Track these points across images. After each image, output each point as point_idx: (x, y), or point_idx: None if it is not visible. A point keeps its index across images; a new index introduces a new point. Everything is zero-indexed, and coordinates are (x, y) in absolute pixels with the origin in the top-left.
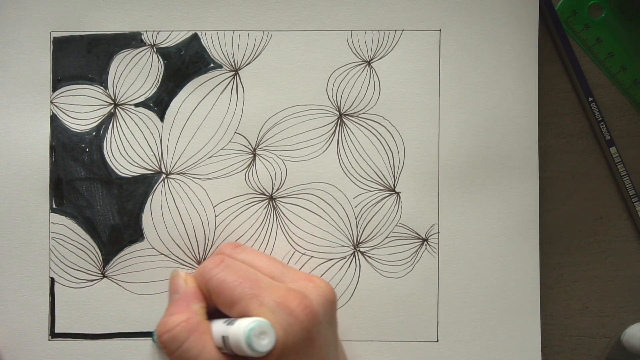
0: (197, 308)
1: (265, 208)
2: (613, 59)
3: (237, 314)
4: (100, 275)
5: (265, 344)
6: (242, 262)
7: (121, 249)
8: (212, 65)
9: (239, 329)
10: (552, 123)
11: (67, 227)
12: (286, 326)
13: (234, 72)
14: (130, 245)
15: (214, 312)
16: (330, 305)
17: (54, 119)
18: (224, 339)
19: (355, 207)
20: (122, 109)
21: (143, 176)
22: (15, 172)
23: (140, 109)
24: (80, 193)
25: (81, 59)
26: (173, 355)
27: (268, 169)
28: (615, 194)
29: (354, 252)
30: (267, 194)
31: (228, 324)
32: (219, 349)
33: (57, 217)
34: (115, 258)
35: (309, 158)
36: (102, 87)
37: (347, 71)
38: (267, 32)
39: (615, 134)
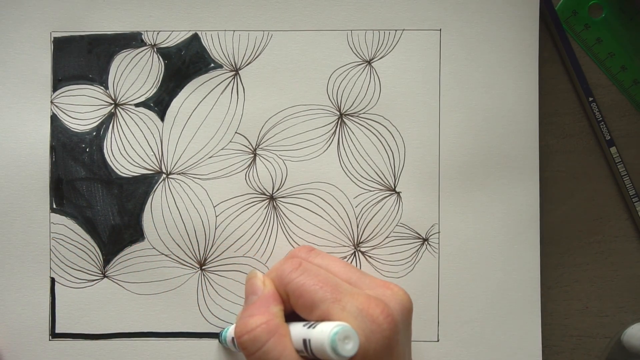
0: (277, 310)
1: (265, 208)
2: (613, 59)
3: (317, 318)
4: (101, 275)
5: (349, 348)
6: (319, 265)
7: (121, 249)
8: (212, 65)
9: (323, 333)
10: (552, 123)
11: (68, 227)
12: (368, 333)
13: (234, 72)
14: (131, 245)
15: (289, 316)
16: (408, 313)
17: (54, 119)
18: (305, 342)
19: (356, 207)
20: (122, 109)
21: (143, 176)
22: (16, 172)
23: (141, 109)
24: (80, 193)
25: (81, 59)
26: (253, 356)
27: (268, 168)
28: (616, 194)
29: (354, 252)
30: (268, 194)
31: (310, 327)
32: (298, 352)
33: (58, 217)
34: (115, 258)
35: (309, 158)
36: (102, 87)
37: (348, 71)
38: (267, 32)
39: (616, 134)
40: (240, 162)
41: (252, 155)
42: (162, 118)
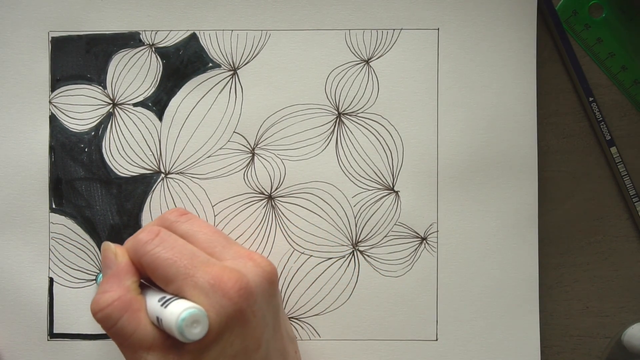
0: (130, 284)
1: (264, 207)
2: (613, 59)
3: (173, 292)
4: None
5: (197, 332)
6: (184, 233)
7: None
8: (210, 64)
9: (172, 316)
10: (553, 123)
11: (67, 227)
12: (219, 308)
13: (232, 72)
14: None
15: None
16: (270, 284)
17: (52, 119)
18: (158, 319)
19: (354, 206)
20: (120, 108)
21: (142, 176)
22: (15, 172)
23: (139, 108)
24: (79, 193)
25: (80, 58)
26: (109, 331)
27: (267, 168)
28: (616, 194)
29: (352, 251)
30: (266, 193)
31: (162, 305)
32: (155, 324)
33: (57, 217)
34: None
35: (307, 157)
36: (100, 87)
37: (346, 70)
38: (265, 31)
39: (616, 134)
40: (238, 161)
41: (251, 154)
42: (160, 118)
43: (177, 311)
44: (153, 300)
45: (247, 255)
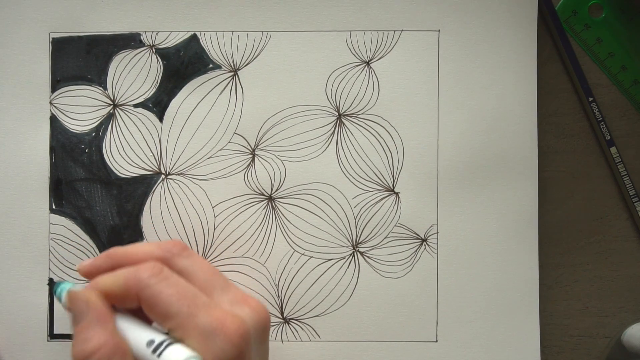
0: (113, 327)
1: (264, 208)
2: (613, 59)
3: (170, 329)
4: None
5: None
6: (184, 268)
7: None
8: (211, 65)
9: None
10: (552, 123)
11: (67, 227)
12: (219, 352)
13: (233, 73)
14: None
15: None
16: (264, 330)
17: (53, 119)
18: None
19: (355, 207)
20: (121, 109)
21: (142, 177)
22: (15, 173)
23: (140, 109)
24: (79, 194)
25: (80, 59)
26: None
27: (267, 169)
28: (616, 194)
29: (353, 253)
30: (266, 195)
31: (154, 351)
32: None
33: (57, 218)
34: None
35: (308, 158)
36: (101, 88)
37: (346, 72)
38: (266, 32)
39: (616, 134)
40: (239, 162)
41: (251, 155)
42: (160, 119)
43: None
44: (139, 343)
45: (243, 300)
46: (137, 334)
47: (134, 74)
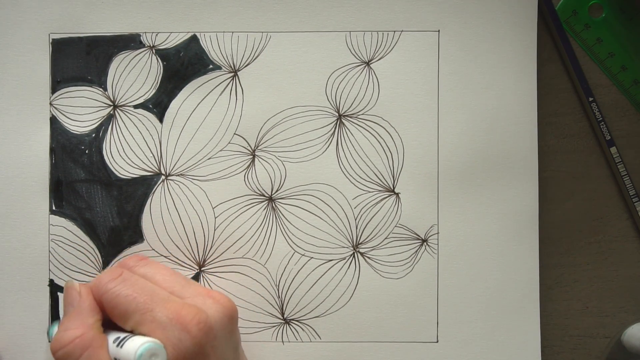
0: (92, 322)
1: (264, 209)
2: (613, 59)
3: (130, 328)
4: None
5: None
6: (143, 275)
7: (121, 251)
8: (211, 66)
9: (129, 353)
10: (552, 123)
11: (67, 229)
12: (177, 342)
13: (233, 74)
14: (130, 247)
15: (110, 323)
16: (230, 320)
17: (53, 120)
18: None
19: (355, 208)
20: (121, 110)
21: (142, 178)
22: (15, 174)
23: (140, 110)
24: (79, 195)
25: (80, 60)
26: None
27: (267, 170)
28: (616, 194)
29: (353, 253)
30: (267, 195)
31: (118, 345)
32: None
33: (57, 219)
34: (115, 260)
35: (308, 159)
36: (101, 89)
37: (346, 72)
38: (266, 33)
39: (616, 134)
40: (239, 163)
41: (251, 156)
42: (161, 119)
43: (134, 347)
44: (110, 345)
45: (206, 293)
46: (111, 338)
47: (134, 75)
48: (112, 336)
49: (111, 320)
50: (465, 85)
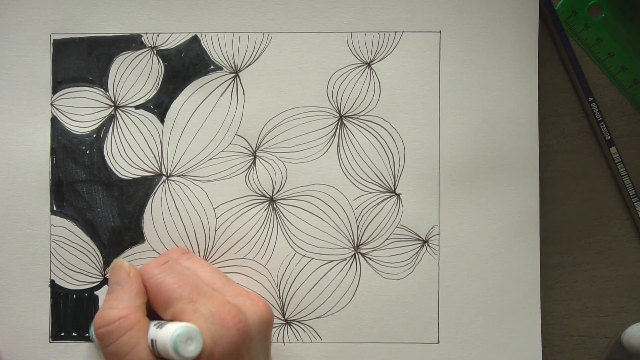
0: (139, 304)
1: (265, 210)
2: (613, 59)
3: (171, 316)
4: (101, 277)
5: (191, 349)
6: (186, 268)
7: (122, 251)
8: (212, 67)
9: (167, 333)
10: (552, 123)
11: (68, 229)
12: (216, 336)
13: (234, 74)
14: (131, 247)
15: (150, 314)
16: (266, 324)
17: (54, 121)
18: (153, 342)
19: (356, 208)
20: (122, 111)
21: (143, 178)
22: (16, 174)
23: (141, 111)
24: (80, 195)
25: (81, 61)
26: (106, 349)
27: (268, 170)
28: (615, 194)
29: (354, 254)
30: (268, 196)
31: (158, 327)
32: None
33: (58, 220)
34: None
35: (309, 160)
36: (102, 89)
37: (347, 73)
38: (267, 34)
39: (616, 134)
40: (240, 164)
41: (252, 157)
42: (162, 120)
43: (173, 328)
44: (151, 325)
45: (245, 294)
46: (151, 324)
47: (135, 76)
48: (154, 321)
49: (152, 312)
50: (466, 86)
